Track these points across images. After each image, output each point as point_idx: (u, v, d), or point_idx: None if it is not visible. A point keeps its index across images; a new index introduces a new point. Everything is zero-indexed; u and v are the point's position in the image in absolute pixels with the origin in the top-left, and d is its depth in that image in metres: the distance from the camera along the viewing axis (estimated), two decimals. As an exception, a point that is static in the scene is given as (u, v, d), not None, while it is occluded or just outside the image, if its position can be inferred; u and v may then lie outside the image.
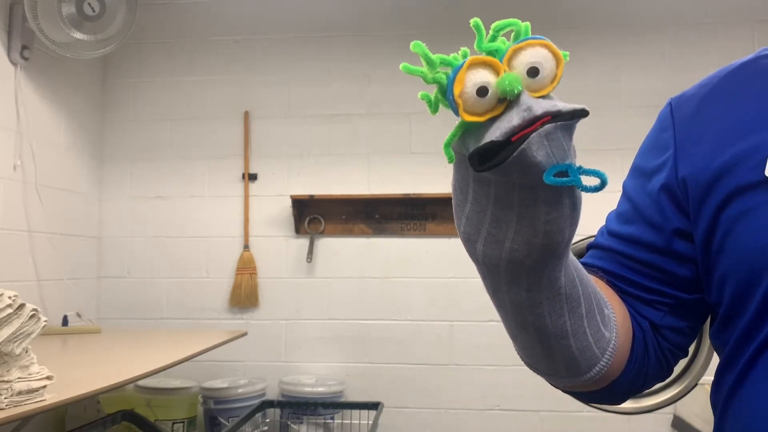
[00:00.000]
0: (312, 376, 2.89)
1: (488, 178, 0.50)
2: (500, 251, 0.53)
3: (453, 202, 0.56)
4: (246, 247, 3.03)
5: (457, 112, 0.48)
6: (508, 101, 0.47)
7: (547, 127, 0.45)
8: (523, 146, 0.45)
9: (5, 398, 1.19)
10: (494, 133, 0.46)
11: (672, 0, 2.96)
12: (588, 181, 0.46)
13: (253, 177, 3.06)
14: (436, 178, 2.95)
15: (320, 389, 2.76)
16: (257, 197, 3.06)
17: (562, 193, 0.50)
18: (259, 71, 3.11)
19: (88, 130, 3.04)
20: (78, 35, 2.42)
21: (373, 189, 3.01)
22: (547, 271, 0.55)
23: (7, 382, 1.20)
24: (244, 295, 2.98)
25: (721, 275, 0.63)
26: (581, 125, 0.47)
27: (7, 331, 1.17)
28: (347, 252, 3.00)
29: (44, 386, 1.27)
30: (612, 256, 0.71)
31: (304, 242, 3.02)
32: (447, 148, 0.50)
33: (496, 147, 0.46)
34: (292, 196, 2.96)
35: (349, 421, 2.74)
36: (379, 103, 3.04)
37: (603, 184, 0.46)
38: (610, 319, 0.64)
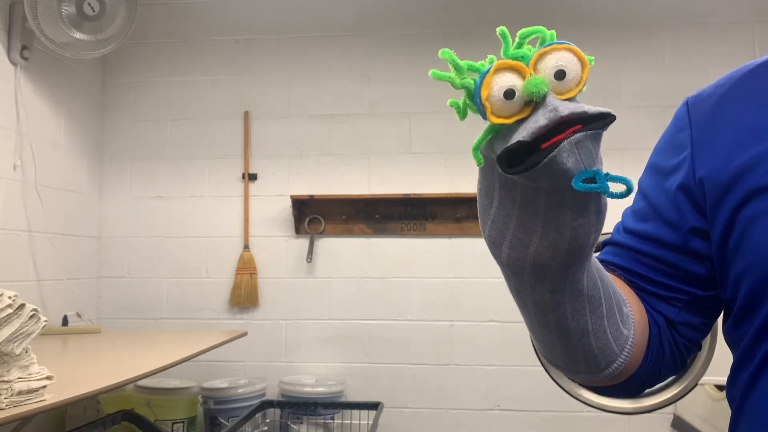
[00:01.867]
0: (312, 376, 2.89)
1: (514, 182, 0.51)
2: (525, 254, 0.54)
3: (478, 205, 0.57)
4: (246, 247, 3.03)
5: (484, 116, 0.49)
6: (534, 103, 0.47)
7: (578, 135, 0.45)
8: (554, 153, 0.45)
9: (5, 398, 1.19)
10: (521, 134, 0.47)
11: (672, 0, 2.96)
12: (614, 187, 0.47)
13: (253, 177, 3.06)
14: (436, 178, 2.95)
15: (320, 389, 2.76)
16: (257, 197, 3.06)
17: (589, 199, 0.51)
18: (259, 71, 3.11)
19: (88, 130, 3.04)
20: (78, 35, 2.42)
21: (373, 189, 3.01)
22: (570, 273, 0.56)
23: (7, 382, 1.20)
24: (244, 295, 2.98)
25: (738, 274, 0.64)
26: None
27: (7, 331, 1.17)
28: (347, 252, 3.00)
29: (44, 386, 1.27)
30: (628, 254, 0.72)
31: (304, 242, 3.01)
32: (476, 152, 0.50)
33: (523, 151, 0.47)
34: (292, 196, 2.96)
35: (349, 421, 2.74)
36: (379, 103, 3.04)
37: (629, 191, 0.47)
38: (629, 317, 0.65)
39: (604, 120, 0.46)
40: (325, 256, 3.01)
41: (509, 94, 0.47)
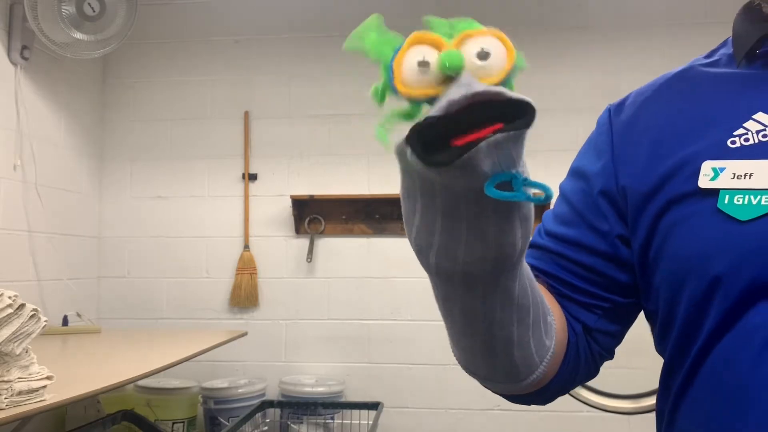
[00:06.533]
0: (312, 376, 2.89)
1: (433, 188, 0.47)
2: (454, 264, 0.51)
3: (402, 210, 0.53)
4: (246, 247, 3.03)
5: (393, 86, 0.45)
6: (450, 81, 0.42)
7: (499, 136, 0.41)
8: (470, 154, 0.41)
9: (5, 398, 1.19)
10: (432, 110, 0.42)
11: (672, 0, 2.96)
12: (533, 192, 0.44)
13: (253, 177, 3.06)
14: (436, 178, 2.94)
15: (320, 389, 2.76)
16: (257, 197, 3.06)
17: (511, 206, 0.47)
18: (259, 71, 3.11)
19: (88, 130, 3.04)
20: (78, 35, 2.42)
21: (373, 189, 3.00)
22: (501, 281, 0.53)
23: (7, 382, 1.20)
24: (244, 295, 2.98)
25: (657, 284, 0.63)
26: (582, 125, 0.47)
27: (7, 331, 1.17)
28: (347, 252, 3.00)
29: (44, 386, 1.27)
30: (550, 257, 0.71)
31: (304, 242, 3.01)
32: (380, 129, 0.46)
33: (439, 145, 0.42)
34: (292, 196, 2.96)
35: (349, 421, 2.74)
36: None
37: (548, 198, 0.44)
38: (552, 327, 0.64)
39: (525, 113, 0.41)
40: (325, 256, 3.01)
41: (423, 63, 0.43)
